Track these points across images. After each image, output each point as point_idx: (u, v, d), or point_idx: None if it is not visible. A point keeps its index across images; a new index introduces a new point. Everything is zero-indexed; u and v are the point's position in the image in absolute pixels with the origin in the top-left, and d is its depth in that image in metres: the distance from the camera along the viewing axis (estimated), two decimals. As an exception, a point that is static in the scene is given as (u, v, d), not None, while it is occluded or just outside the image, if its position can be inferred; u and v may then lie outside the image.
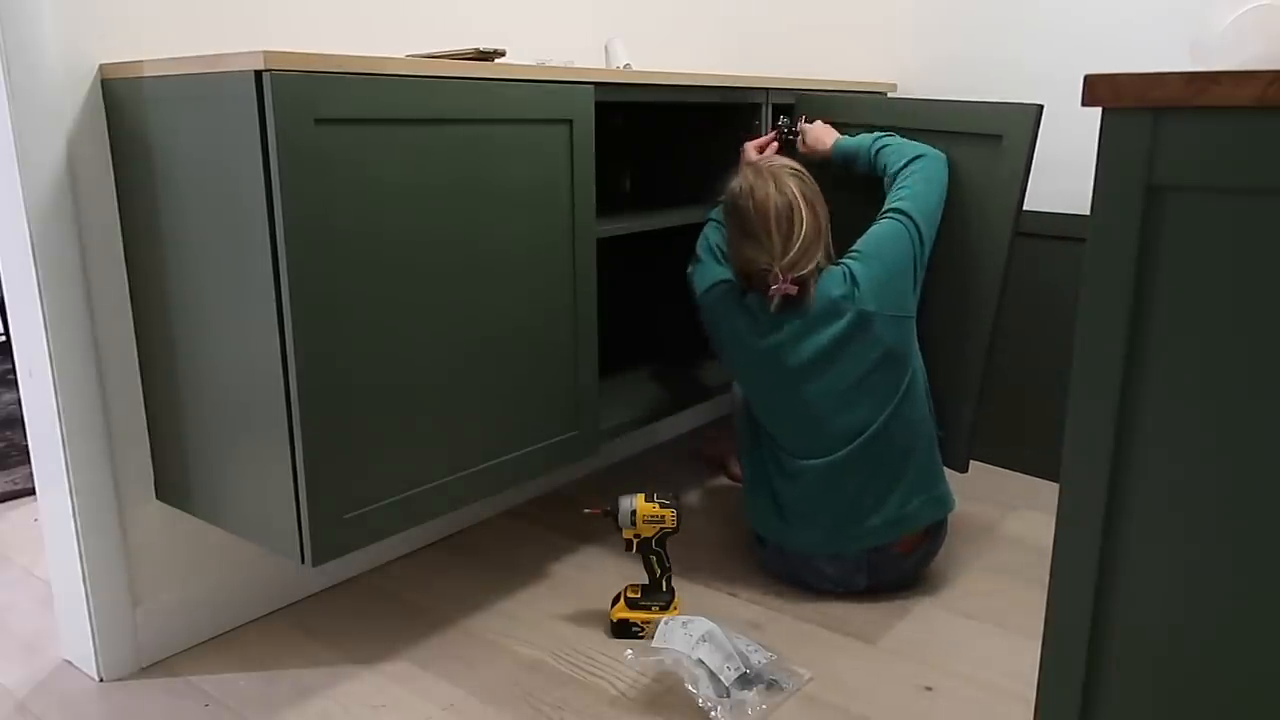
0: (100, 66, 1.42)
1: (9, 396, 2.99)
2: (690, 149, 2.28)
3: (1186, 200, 0.78)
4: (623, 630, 1.67)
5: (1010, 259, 1.75)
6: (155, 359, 1.51)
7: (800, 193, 1.66)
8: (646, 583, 1.71)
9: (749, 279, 1.71)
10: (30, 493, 2.29)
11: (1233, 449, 0.79)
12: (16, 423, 2.70)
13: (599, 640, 1.67)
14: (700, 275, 1.83)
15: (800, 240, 1.63)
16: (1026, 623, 1.71)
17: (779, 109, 2.12)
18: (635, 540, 1.68)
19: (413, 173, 1.38)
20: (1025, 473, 2.35)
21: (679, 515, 1.68)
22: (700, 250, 1.86)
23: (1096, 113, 1.75)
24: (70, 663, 1.61)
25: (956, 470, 1.85)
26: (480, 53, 1.54)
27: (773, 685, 1.50)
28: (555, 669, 1.59)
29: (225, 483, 1.44)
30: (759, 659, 1.52)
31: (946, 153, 1.80)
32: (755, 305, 1.71)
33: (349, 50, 1.73)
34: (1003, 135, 1.72)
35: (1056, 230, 2.22)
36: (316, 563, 1.35)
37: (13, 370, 2.96)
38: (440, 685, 1.55)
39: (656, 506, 1.67)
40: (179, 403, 1.48)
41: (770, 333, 1.69)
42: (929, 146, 1.79)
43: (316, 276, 1.28)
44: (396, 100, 1.34)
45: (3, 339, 3.21)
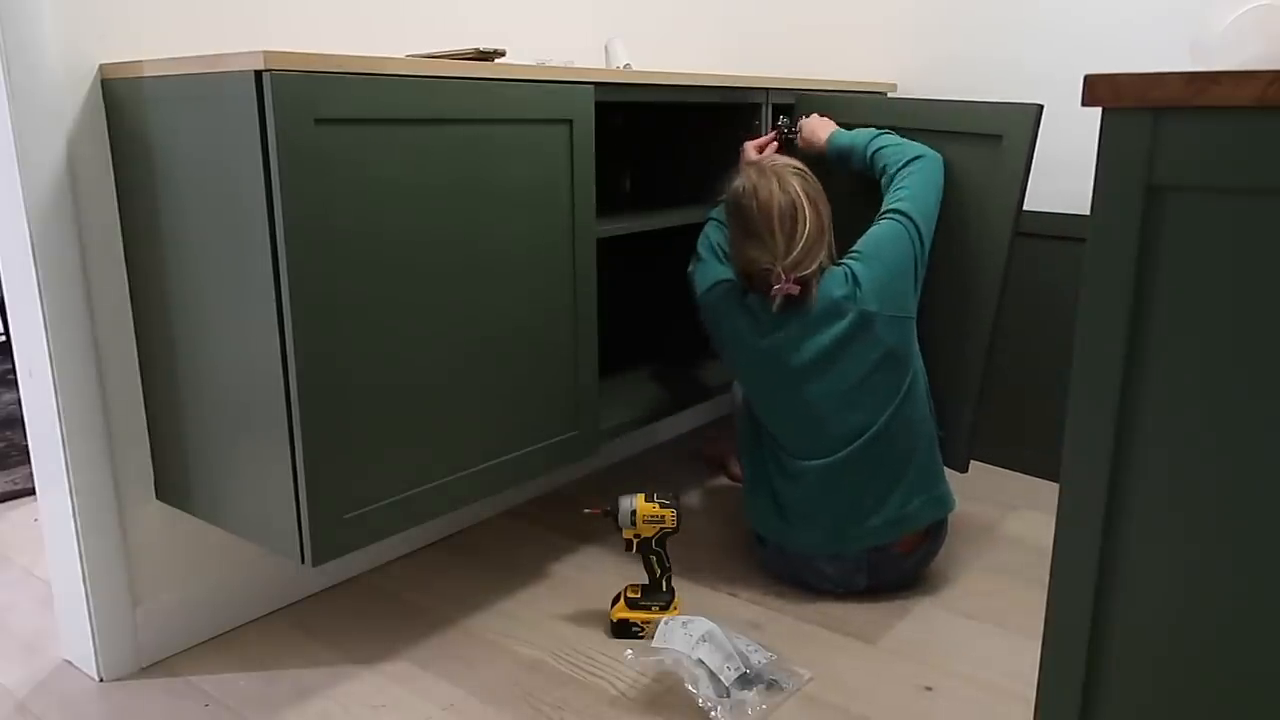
0: (100, 66, 1.42)
1: (9, 396, 2.99)
2: (690, 149, 2.28)
3: (1186, 200, 0.78)
4: (623, 630, 1.67)
5: (1010, 259, 1.75)
6: (155, 359, 1.51)
7: (804, 192, 1.66)
8: (646, 583, 1.71)
9: (751, 279, 1.71)
10: (30, 493, 2.29)
11: (1233, 449, 0.79)
12: (16, 423, 2.70)
13: (599, 640, 1.67)
14: (701, 274, 1.83)
15: (804, 240, 1.63)
16: (1026, 623, 1.71)
17: (779, 109, 2.12)
18: (635, 540, 1.68)
19: (413, 173, 1.38)
20: (1025, 473, 2.35)
21: (679, 515, 1.68)
22: (701, 249, 1.86)
23: (1096, 113, 1.75)
24: (70, 663, 1.61)
25: (957, 470, 1.85)
26: (480, 53, 1.54)
27: (773, 685, 1.50)
28: (555, 669, 1.59)
29: (225, 483, 1.44)
30: (759, 659, 1.52)
31: (946, 153, 1.80)
32: (756, 305, 1.71)
33: (349, 50, 1.73)
34: (1003, 135, 1.72)
35: (1056, 230, 2.22)
36: (316, 563, 1.35)
37: (13, 370, 2.96)
38: (440, 685, 1.55)
39: (656, 506, 1.67)
40: (179, 403, 1.48)
41: (771, 333, 1.69)
42: (926, 147, 1.79)
43: (316, 276, 1.28)
44: (396, 100, 1.34)
45: (3, 339, 3.21)
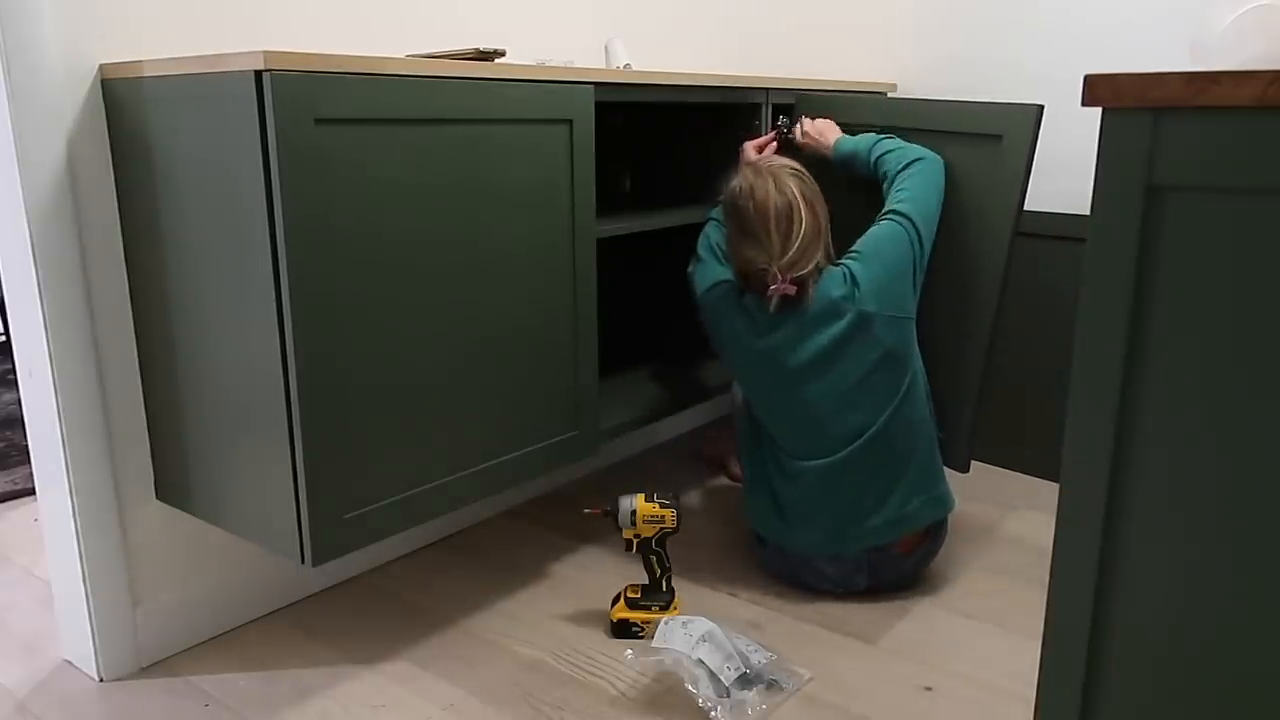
0: (100, 66, 1.42)
1: (9, 396, 2.99)
2: (690, 149, 2.28)
3: (1186, 200, 0.78)
4: (623, 630, 1.67)
5: (1010, 259, 1.75)
6: (155, 359, 1.51)
7: (800, 192, 1.66)
8: (646, 583, 1.71)
9: (748, 279, 1.71)
10: (30, 493, 2.29)
11: (1233, 449, 0.79)
12: (16, 423, 2.70)
13: (599, 640, 1.67)
14: (701, 275, 1.83)
15: (799, 240, 1.63)
16: (1026, 623, 1.71)
17: (779, 109, 2.12)
18: (635, 540, 1.68)
19: (413, 173, 1.38)
20: (1025, 473, 2.35)
21: (679, 515, 1.68)
22: (701, 250, 1.86)
23: (1096, 113, 1.75)
24: (70, 663, 1.61)
25: (957, 470, 1.85)
26: (480, 53, 1.54)
27: (773, 685, 1.50)
28: (555, 669, 1.59)
29: (225, 483, 1.44)
30: (759, 659, 1.52)
31: (946, 153, 1.80)
32: (753, 306, 1.71)
33: (349, 50, 1.73)
34: (1003, 135, 1.72)
35: (1056, 230, 2.22)
36: (316, 563, 1.35)
37: (13, 370, 2.96)
38: (440, 685, 1.55)
39: (656, 506, 1.67)
40: (179, 403, 1.48)
41: (769, 333, 1.69)
42: (927, 150, 1.80)
43: (316, 276, 1.28)
44: (396, 100, 1.34)
45: (3, 339, 3.21)
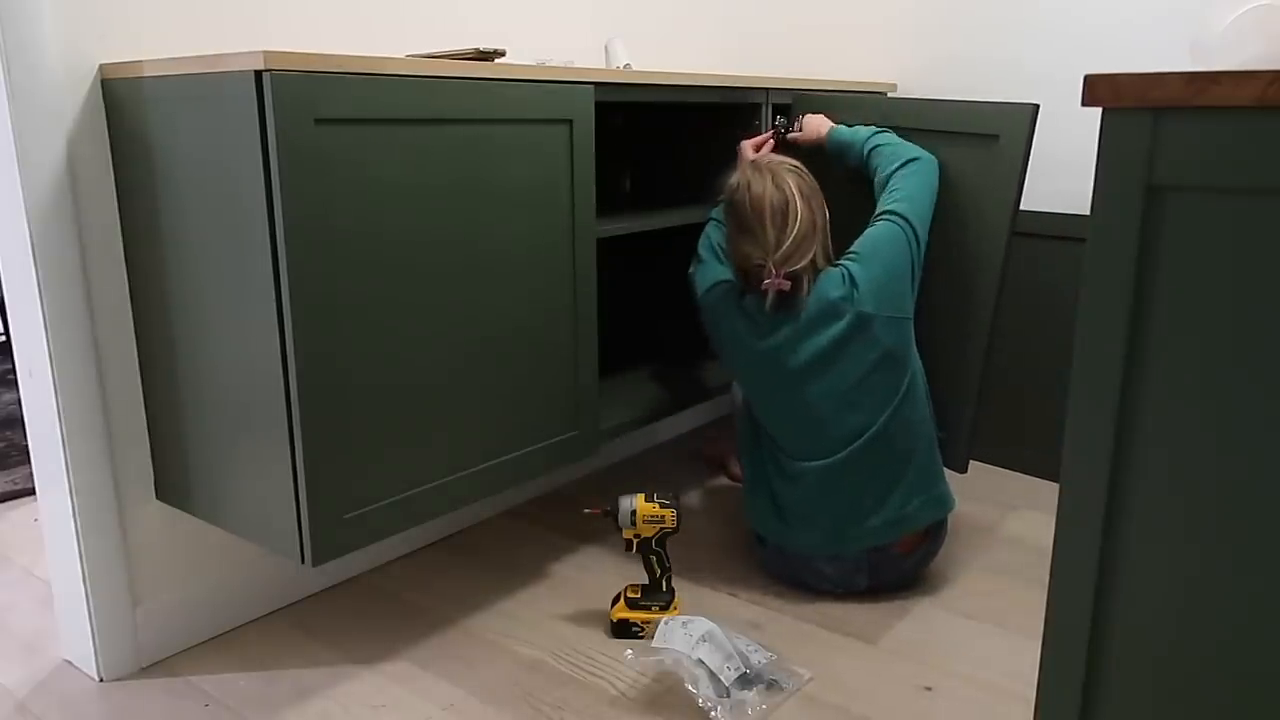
0: (100, 66, 1.42)
1: (9, 396, 2.99)
2: (690, 149, 2.28)
3: (1186, 200, 0.78)
4: (623, 630, 1.67)
5: (1008, 259, 1.75)
6: (155, 359, 1.51)
7: (797, 188, 1.66)
8: (646, 583, 1.71)
9: (746, 276, 1.71)
10: (30, 493, 2.29)
11: (1233, 449, 0.79)
12: (16, 423, 2.70)
13: (599, 640, 1.67)
14: (702, 275, 1.83)
15: (794, 234, 1.63)
16: (1026, 623, 1.71)
17: (779, 109, 2.12)
18: (635, 540, 1.68)
19: (413, 173, 1.38)
20: (1025, 473, 2.35)
21: (679, 515, 1.68)
22: (702, 250, 1.86)
23: (1096, 113, 1.75)
24: (70, 663, 1.61)
25: (956, 471, 1.85)
26: (480, 53, 1.54)
27: (773, 685, 1.51)
28: (555, 669, 1.59)
29: (225, 483, 1.44)
30: (759, 659, 1.52)
31: (943, 153, 1.80)
32: (753, 307, 1.71)
33: (348, 50, 1.73)
34: (999, 135, 1.72)
35: (1056, 230, 2.22)
36: (316, 563, 1.35)
37: (13, 370, 2.96)
38: (440, 685, 1.55)
39: (656, 506, 1.67)
40: (179, 403, 1.48)
41: (769, 334, 1.69)
42: (922, 149, 1.80)
43: (316, 276, 1.28)
44: (396, 100, 1.34)
45: (3, 339, 3.21)
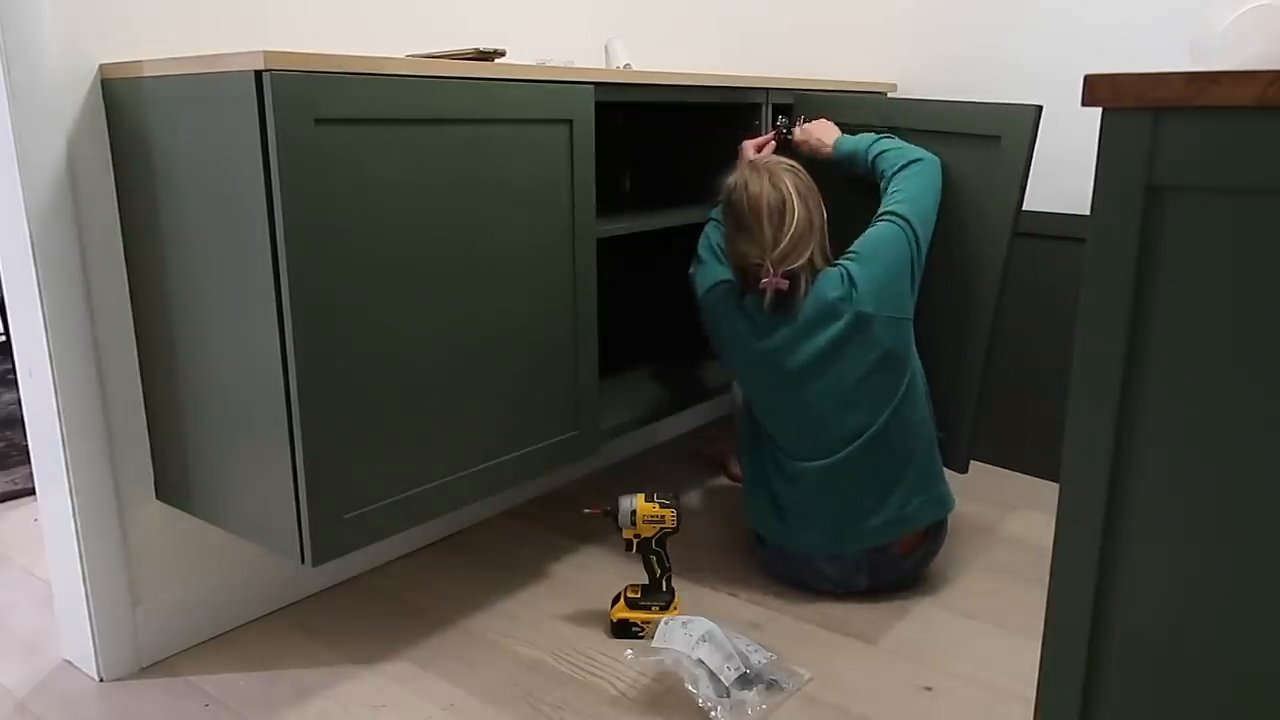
0: (100, 66, 1.42)
1: (9, 396, 2.99)
2: (690, 149, 2.28)
3: (1186, 200, 0.78)
4: (623, 630, 1.67)
5: (1009, 260, 1.75)
6: (155, 359, 1.51)
7: (794, 187, 1.67)
8: (646, 583, 1.71)
9: (745, 275, 1.71)
10: (30, 493, 2.29)
11: (1233, 449, 0.79)
12: (16, 423, 2.70)
13: (599, 640, 1.67)
14: (702, 275, 1.83)
15: (791, 233, 1.64)
16: (1026, 623, 1.71)
17: (779, 109, 2.12)
18: (635, 540, 1.68)
19: (413, 173, 1.38)
20: (1025, 473, 2.35)
21: (679, 515, 1.68)
22: (702, 250, 1.86)
23: (1096, 113, 1.75)
24: (70, 663, 1.61)
25: (956, 471, 1.85)
26: (480, 53, 1.54)
27: (773, 685, 1.50)
28: (555, 669, 1.59)
29: (225, 483, 1.44)
30: (759, 659, 1.52)
31: (945, 154, 1.80)
32: (752, 307, 1.71)
33: (348, 50, 1.73)
34: (1001, 136, 1.72)
35: (1056, 230, 2.22)
36: (316, 563, 1.35)
37: (13, 370, 2.96)
38: (440, 685, 1.55)
39: (656, 506, 1.67)
40: (179, 403, 1.48)
41: (768, 335, 1.69)
42: (925, 151, 1.80)
43: (316, 276, 1.28)
44: (396, 100, 1.34)
45: (3, 339, 3.21)
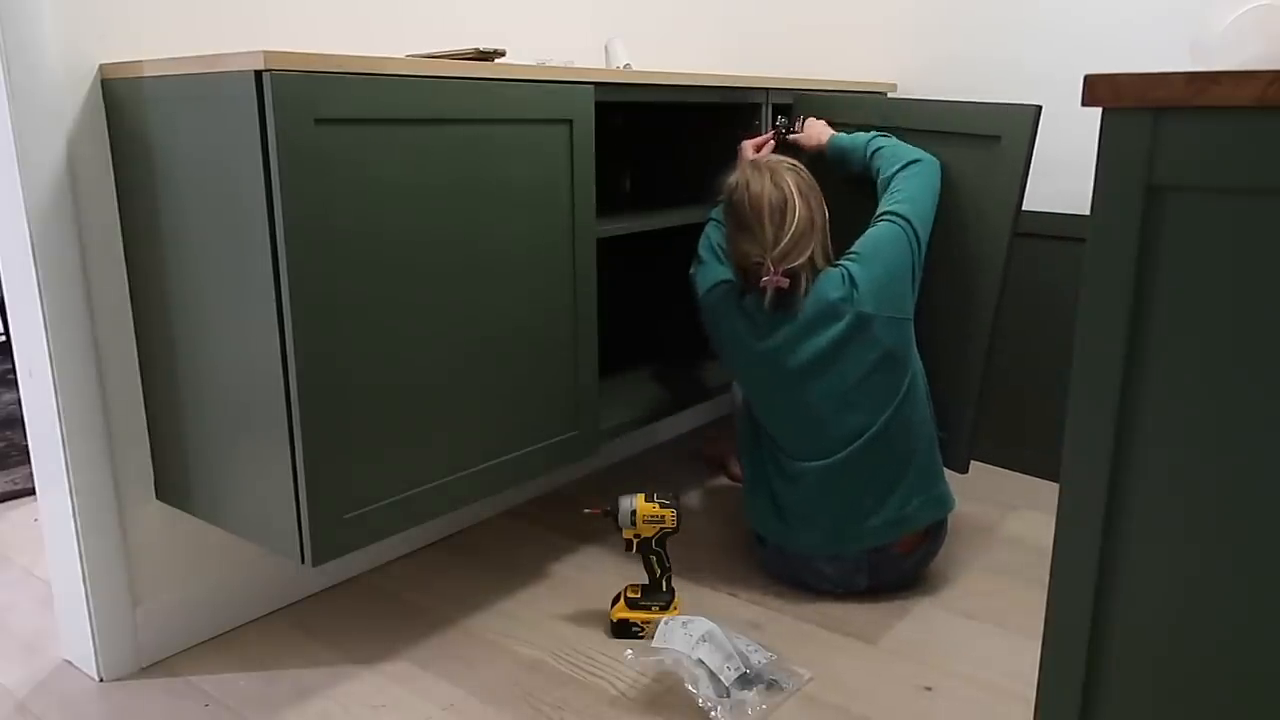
0: (100, 66, 1.42)
1: (9, 396, 2.99)
2: (690, 149, 2.28)
3: (1186, 200, 0.78)
4: (623, 630, 1.67)
5: (1009, 260, 1.75)
6: (155, 359, 1.51)
7: (796, 186, 1.67)
8: (646, 583, 1.71)
9: (746, 274, 1.71)
10: (30, 493, 2.29)
11: (1233, 449, 0.79)
12: (16, 423, 2.70)
13: (599, 640, 1.67)
14: (702, 276, 1.83)
15: (792, 231, 1.64)
16: (1026, 623, 1.71)
17: (779, 109, 2.12)
18: (635, 540, 1.68)
19: (413, 173, 1.38)
20: (1025, 473, 2.35)
21: (679, 515, 1.68)
22: (702, 250, 1.86)
23: (1096, 113, 1.75)
24: (70, 663, 1.61)
25: (957, 471, 1.85)
26: (480, 53, 1.54)
27: (773, 685, 1.50)
28: (555, 669, 1.59)
29: (225, 483, 1.44)
30: (759, 659, 1.52)
31: (945, 154, 1.80)
32: (753, 307, 1.71)
33: (347, 50, 1.73)
34: (1001, 136, 1.72)
35: (1056, 230, 2.22)
36: (316, 563, 1.35)
37: (13, 370, 2.96)
38: (440, 685, 1.55)
39: (656, 506, 1.67)
40: (179, 403, 1.48)
41: (769, 335, 1.69)
42: (924, 151, 1.80)
43: (316, 276, 1.28)
44: (396, 100, 1.34)
45: (3, 339, 3.21)
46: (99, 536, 1.51)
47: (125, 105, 1.41)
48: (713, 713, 1.43)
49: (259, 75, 1.20)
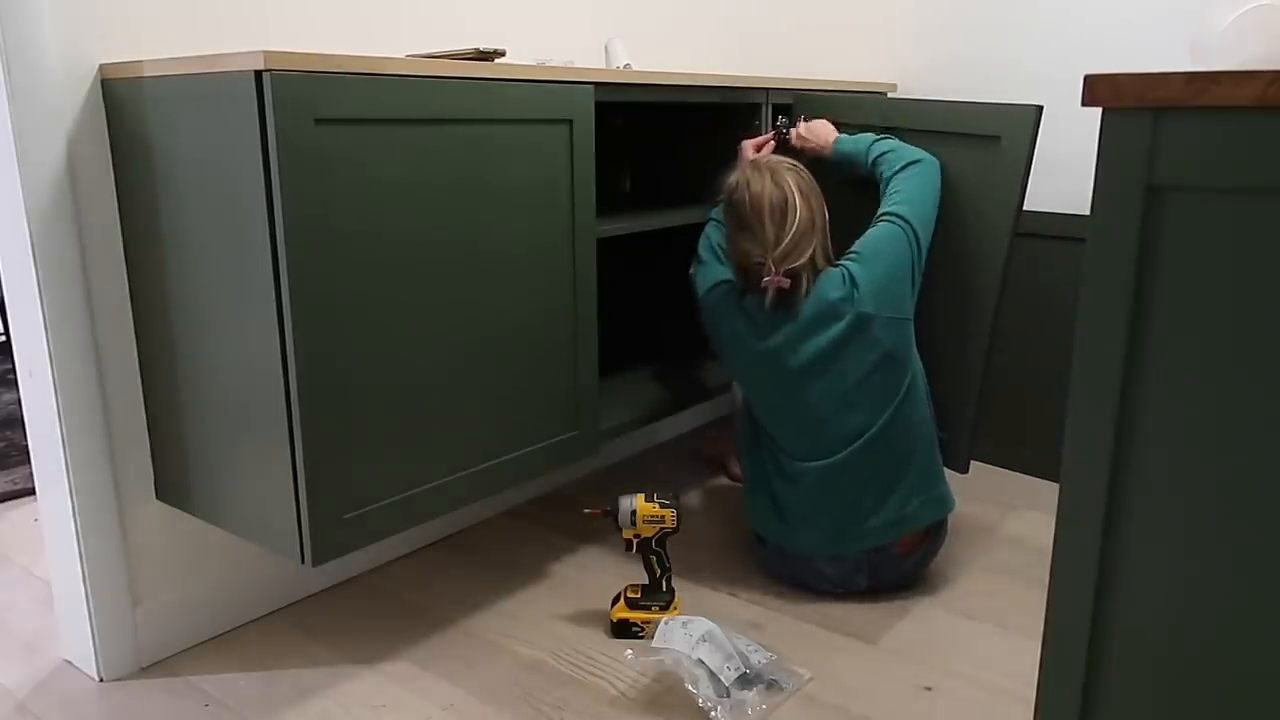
0: (100, 66, 1.42)
1: (9, 396, 2.99)
2: (690, 149, 2.28)
3: (1186, 200, 0.78)
4: (623, 630, 1.67)
5: (1010, 260, 1.75)
6: (155, 359, 1.51)
7: (796, 186, 1.67)
8: (646, 583, 1.71)
9: (746, 274, 1.71)
10: (30, 493, 2.29)
11: (1233, 449, 0.79)
12: (16, 423, 2.70)
13: (599, 640, 1.67)
14: (702, 276, 1.83)
15: (793, 231, 1.64)
16: (1026, 623, 1.71)
17: (779, 109, 2.12)
18: (635, 540, 1.68)
19: (413, 173, 1.38)
20: (1025, 473, 2.35)
21: (679, 515, 1.68)
22: (702, 251, 1.86)
23: (1096, 113, 1.75)
24: (70, 663, 1.61)
25: (957, 471, 1.85)
26: (480, 53, 1.54)
27: (773, 685, 1.50)
28: (555, 669, 1.59)
29: (225, 483, 1.44)
30: (759, 659, 1.52)
31: (945, 154, 1.80)
32: (753, 308, 1.71)
33: (347, 50, 1.73)
34: (1001, 136, 1.72)
35: (1056, 230, 2.22)
36: (316, 563, 1.35)
37: (13, 370, 2.96)
38: (440, 685, 1.55)
39: (656, 506, 1.67)
40: (179, 403, 1.48)
41: (769, 335, 1.69)
42: (925, 152, 1.80)
43: (316, 276, 1.28)
44: (396, 100, 1.34)
45: (3, 339, 3.21)
46: (99, 536, 1.52)
47: (125, 105, 1.41)
48: (713, 713, 1.43)
49: (259, 75, 1.20)
